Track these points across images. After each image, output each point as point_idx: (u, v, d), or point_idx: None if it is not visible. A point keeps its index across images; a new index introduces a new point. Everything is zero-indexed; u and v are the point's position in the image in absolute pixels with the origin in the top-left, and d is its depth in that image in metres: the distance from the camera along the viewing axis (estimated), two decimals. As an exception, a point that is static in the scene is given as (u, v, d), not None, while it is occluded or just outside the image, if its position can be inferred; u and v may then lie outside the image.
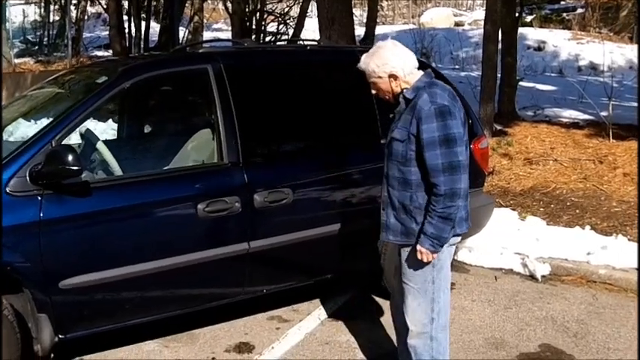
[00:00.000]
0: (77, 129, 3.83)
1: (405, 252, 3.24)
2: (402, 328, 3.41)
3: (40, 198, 3.33)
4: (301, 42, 6.20)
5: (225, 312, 4.33)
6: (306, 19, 15.47)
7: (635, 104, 11.16)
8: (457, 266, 5.52)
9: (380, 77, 3.18)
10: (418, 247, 3.11)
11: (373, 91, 3.29)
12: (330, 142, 4.45)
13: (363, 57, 3.25)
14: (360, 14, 21.93)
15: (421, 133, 3.02)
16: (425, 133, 3.02)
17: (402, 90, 3.18)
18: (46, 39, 18.56)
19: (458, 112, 3.10)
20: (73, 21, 18.04)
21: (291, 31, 15.36)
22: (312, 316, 4.57)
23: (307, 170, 4.24)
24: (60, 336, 3.52)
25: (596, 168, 7.57)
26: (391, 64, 3.15)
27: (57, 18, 18.78)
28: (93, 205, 3.51)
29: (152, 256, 3.67)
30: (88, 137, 4.21)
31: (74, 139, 4.20)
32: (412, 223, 3.16)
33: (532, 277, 5.39)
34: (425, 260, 3.13)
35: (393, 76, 3.16)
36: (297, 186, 4.11)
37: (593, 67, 16.48)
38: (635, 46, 18.64)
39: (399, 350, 3.55)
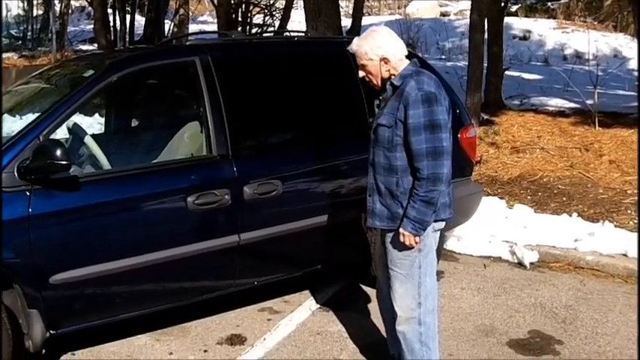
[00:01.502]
0: (65, 123, 3.82)
1: (389, 237, 3.28)
2: (389, 317, 3.45)
3: (28, 193, 3.31)
4: (288, 33, 6.19)
5: (217, 304, 4.34)
6: (292, 10, 15.43)
7: (621, 92, 11.27)
8: (446, 255, 5.56)
9: (371, 59, 3.23)
10: (401, 230, 3.17)
11: (361, 74, 3.32)
12: (319, 133, 4.46)
13: (356, 39, 3.31)
14: (346, 5, 21.90)
15: (407, 118, 3.10)
16: (411, 119, 3.09)
17: (390, 76, 3.24)
18: (29, 33, 18.35)
19: (443, 100, 3.17)
20: (57, 15, 17.86)
21: (277, 23, 15.30)
22: (303, 307, 4.59)
23: (296, 162, 4.25)
24: (51, 331, 3.51)
25: (583, 156, 7.63)
26: (384, 47, 3.21)
27: (40, 12, 18.57)
28: (82, 199, 3.50)
29: (142, 250, 3.66)
30: (76, 131, 4.18)
31: (62, 133, 4.18)
32: (398, 207, 3.21)
33: (520, 264, 5.44)
34: (407, 243, 3.18)
35: (384, 60, 3.21)
36: (287, 178, 4.11)
37: (579, 56, 16.56)
38: (620, 34, 18.76)
39: (387, 339, 3.59)
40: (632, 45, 12.13)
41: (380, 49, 3.21)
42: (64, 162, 3.26)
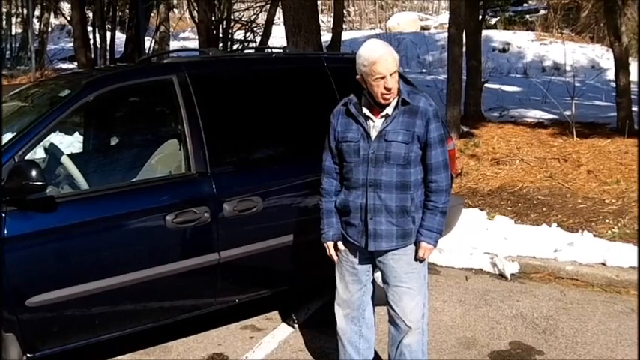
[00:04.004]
0: (41, 143, 3.80)
1: (396, 254, 3.24)
2: (366, 338, 3.46)
3: (4, 215, 3.28)
4: (268, 49, 6.21)
5: (198, 323, 4.32)
6: (274, 26, 15.49)
7: (598, 102, 11.42)
8: (428, 267, 5.53)
9: (397, 70, 3.16)
10: (424, 244, 3.20)
11: (389, 85, 3.10)
12: (299, 149, 4.46)
13: (383, 45, 3.17)
14: (327, 20, 22.03)
15: (429, 133, 3.16)
16: (432, 133, 3.17)
17: (399, 91, 3.19)
18: (8, 52, 18.28)
19: None
20: (37, 33, 17.82)
21: (258, 39, 15.35)
22: (285, 324, 4.57)
23: (276, 178, 4.24)
24: (28, 355, 3.46)
25: (561, 166, 7.71)
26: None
27: (19, 30, 18.52)
28: (59, 220, 3.47)
29: (121, 270, 3.63)
30: (53, 151, 4.16)
31: (39, 153, 4.16)
32: (410, 224, 3.20)
33: (502, 275, 5.47)
34: (425, 256, 3.22)
35: (397, 73, 3.16)
36: (267, 194, 4.11)
37: (557, 67, 16.78)
38: (597, 46, 19.04)
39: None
40: (609, 56, 12.29)
41: (397, 59, 3.18)
42: (39, 183, 3.24)
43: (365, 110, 3.24)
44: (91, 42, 16.31)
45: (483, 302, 4.93)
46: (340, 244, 3.38)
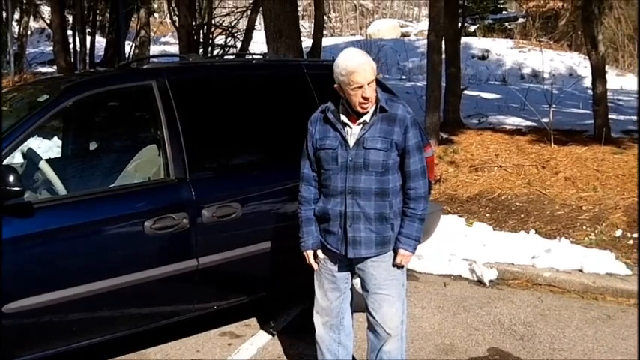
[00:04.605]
0: (19, 148, 3.76)
1: (375, 262, 3.25)
2: (344, 346, 3.47)
3: (-20, 220, 3.25)
4: (249, 55, 6.21)
5: (176, 330, 4.30)
6: (254, 31, 15.48)
7: (575, 110, 11.55)
8: (407, 274, 5.58)
9: (374, 79, 3.16)
10: (402, 251, 3.21)
11: (367, 94, 3.10)
12: (278, 155, 4.46)
13: (361, 54, 3.17)
14: (308, 26, 22.07)
15: (408, 140, 3.18)
16: (410, 140, 3.18)
17: (377, 99, 3.20)
18: (-14, 55, 18.06)
19: None
20: (16, 37, 17.63)
21: (239, 44, 15.32)
22: (264, 331, 4.56)
23: (256, 184, 4.24)
24: (5, 361, 3.43)
25: (539, 173, 7.79)
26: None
27: (-2, 34, 18.31)
28: (37, 225, 3.45)
29: (100, 276, 3.61)
30: (31, 156, 4.13)
31: (18, 158, 4.12)
32: (389, 231, 3.22)
33: (480, 282, 5.51)
34: (404, 263, 3.23)
35: (375, 81, 3.17)
36: (246, 200, 4.11)
37: (535, 75, 16.96)
38: (575, 54, 19.29)
39: None
40: (586, 64, 12.45)
41: (375, 68, 3.19)
42: (17, 188, 3.23)
43: (343, 117, 3.25)
44: (71, 46, 16.16)
45: (462, 309, 4.96)
46: (319, 253, 3.39)
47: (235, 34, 15.73)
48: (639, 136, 7.99)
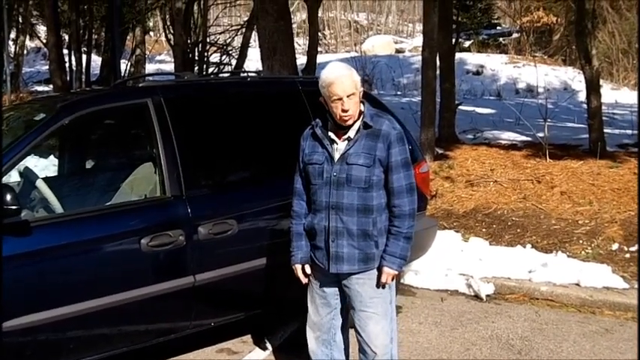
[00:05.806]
0: (16, 167, 3.77)
1: (360, 279, 3.24)
2: None
3: (-23, 239, 3.25)
4: (244, 73, 6.24)
5: (173, 347, 4.28)
6: (249, 49, 15.56)
7: (570, 124, 11.61)
8: (404, 289, 5.60)
9: (359, 91, 3.18)
10: (386, 269, 3.18)
11: (346, 107, 3.12)
12: (274, 171, 4.46)
13: (343, 67, 3.19)
14: (303, 43, 22.18)
15: (390, 157, 3.15)
16: (393, 157, 3.15)
17: (361, 114, 3.21)
18: (-18, 75, 18.09)
19: None
20: (12, 56, 17.69)
21: (234, 62, 15.40)
22: (260, 347, 4.54)
23: (252, 201, 4.25)
24: (0, 381, 3.41)
25: (535, 187, 7.80)
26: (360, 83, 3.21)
27: (-6, 53, 18.37)
28: (34, 244, 3.45)
29: (97, 294, 3.60)
30: (28, 175, 4.14)
31: (14, 176, 4.13)
32: (372, 248, 3.19)
33: (477, 296, 5.50)
34: (389, 282, 3.20)
35: (360, 94, 3.20)
36: (242, 217, 4.11)
37: (530, 90, 17.06)
38: (569, 68, 19.41)
39: None
40: (581, 78, 12.54)
41: (359, 83, 3.20)
42: (13, 207, 3.24)
43: (330, 133, 3.27)
44: (67, 65, 16.22)
45: (459, 324, 4.95)
46: (307, 267, 3.39)
47: (230, 52, 15.82)
48: (639, 146, 7.99)
